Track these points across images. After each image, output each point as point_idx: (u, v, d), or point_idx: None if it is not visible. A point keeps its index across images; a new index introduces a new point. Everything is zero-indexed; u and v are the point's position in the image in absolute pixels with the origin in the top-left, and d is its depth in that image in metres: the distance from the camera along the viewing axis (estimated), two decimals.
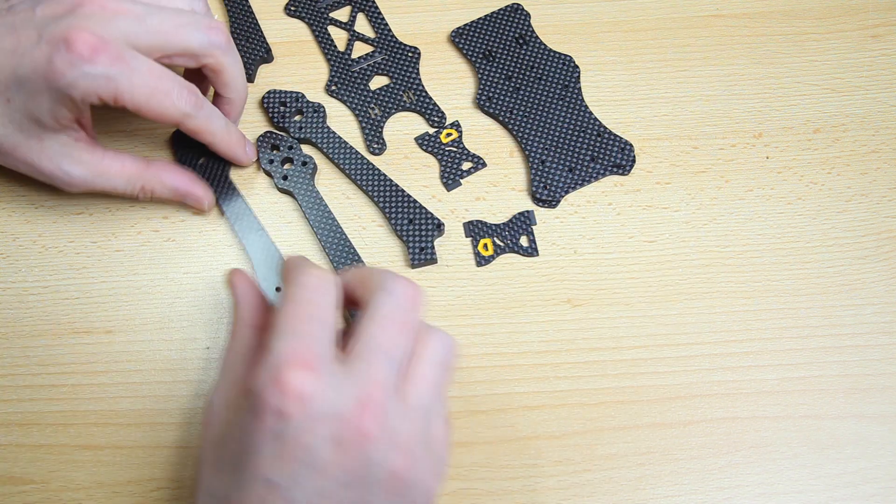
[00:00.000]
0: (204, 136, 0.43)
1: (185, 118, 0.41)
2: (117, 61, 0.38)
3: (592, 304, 0.46)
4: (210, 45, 0.42)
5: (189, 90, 0.41)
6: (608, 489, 0.42)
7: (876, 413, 0.43)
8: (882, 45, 0.53)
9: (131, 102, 0.39)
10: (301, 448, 0.31)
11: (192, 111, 0.41)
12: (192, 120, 0.42)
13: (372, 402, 0.31)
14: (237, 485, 0.32)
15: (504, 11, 0.53)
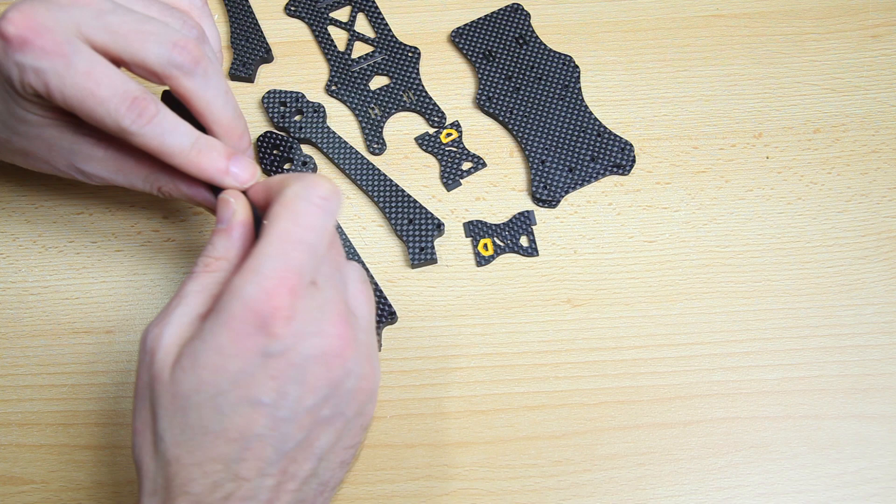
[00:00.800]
0: (159, 156, 0.36)
1: (124, 133, 0.35)
2: (51, 53, 0.33)
3: (592, 304, 0.46)
4: (169, 63, 0.35)
5: (135, 102, 0.35)
6: (608, 489, 0.42)
7: (876, 413, 0.43)
8: (882, 45, 0.53)
9: (62, 102, 0.34)
10: (288, 365, 0.31)
11: (133, 127, 0.35)
12: (135, 137, 0.35)
13: (343, 320, 0.33)
14: (217, 414, 0.31)
15: (504, 11, 0.53)
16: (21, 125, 0.38)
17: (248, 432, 0.31)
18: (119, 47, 0.35)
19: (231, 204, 0.36)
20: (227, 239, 0.35)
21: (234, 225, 0.35)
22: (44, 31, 0.33)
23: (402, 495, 0.42)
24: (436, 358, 0.44)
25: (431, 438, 0.43)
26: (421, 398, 0.44)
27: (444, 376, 0.44)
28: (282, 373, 0.31)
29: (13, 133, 0.39)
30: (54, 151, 0.39)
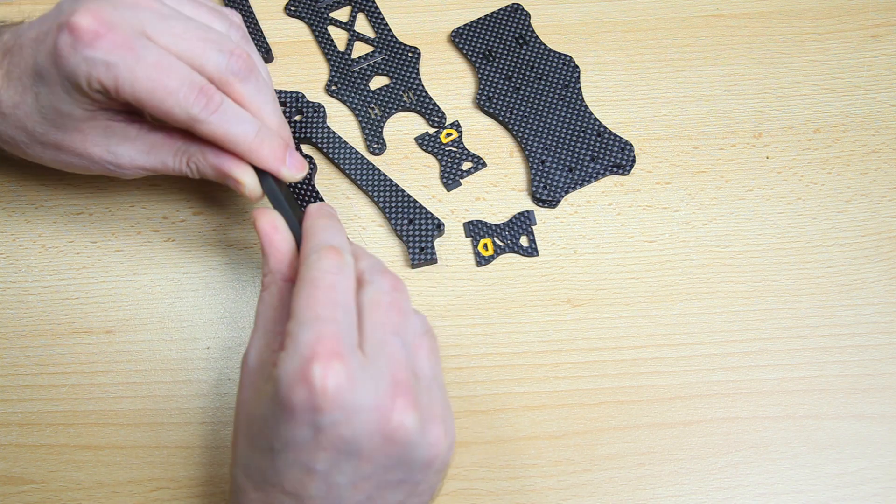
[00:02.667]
0: (223, 145, 0.38)
1: (192, 122, 0.37)
2: (121, 47, 0.35)
3: (592, 304, 0.46)
4: (227, 69, 0.37)
5: (203, 91, 0.36)
6: (608, 489, 0.42)
7: (876, 413, 0.43)
8: (882, 45, 0.53)
9: (132, 95, 0.36)
10: (340, 439, 0.30)
11: (202, 115, 0.37)
12: (202, 125, 0.37)
13: (403, 388, 0.31)
14: (274, 467, 0.32)
15: (504, 11, 0.53)
16: (65, 120, 0.38)
17: (303, 492, 0.31)
18: (180, 50, 0.36)
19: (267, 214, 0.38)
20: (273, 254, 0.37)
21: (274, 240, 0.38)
22: (113, 26, 0.35)
23: None
24: None
25: None
26: None
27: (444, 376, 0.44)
28: (333, 445, 0.31)
29: (52, 127, 0.39)
30: (89, 140, 0.39)
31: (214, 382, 0.44)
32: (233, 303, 0.46)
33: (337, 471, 0.31)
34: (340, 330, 0.31)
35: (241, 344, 0.45)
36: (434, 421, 0.32)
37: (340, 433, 0.30)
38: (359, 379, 0.30)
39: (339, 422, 0.30)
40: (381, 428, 0.31)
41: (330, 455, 0.31)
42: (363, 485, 0.31)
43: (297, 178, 0.40)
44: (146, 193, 0.48)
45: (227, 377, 0.44)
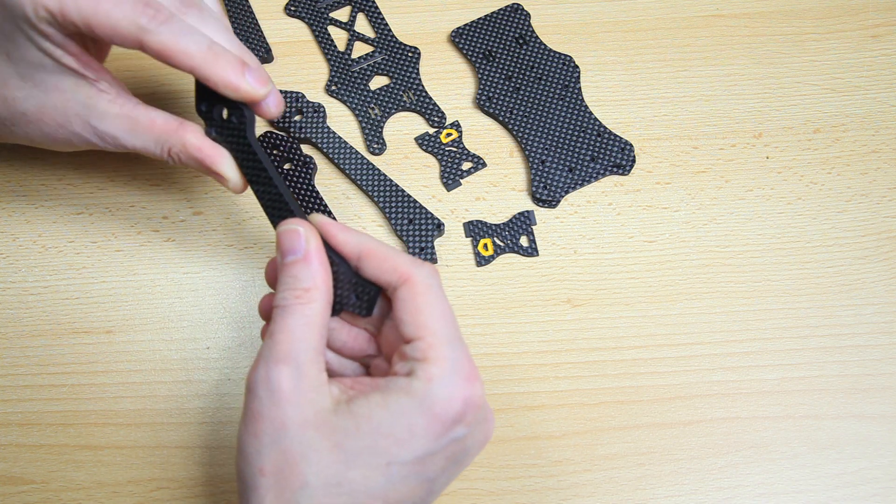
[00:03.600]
0: (175, 61, 0.37)
1: (141, 33, 0.36)
2: None
3: (592, 304, 0.46)
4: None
5: (149, 3, 0.36)
6: (608, 489, 0.42)
7: (876, 413, 0.43)
8: (882, 45, 0.53)
9: (77, 14, 0.35)
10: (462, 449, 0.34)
11: (150, 25, 0.36)
12: (151, 37, 0.36)
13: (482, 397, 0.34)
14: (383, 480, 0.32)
15: (504, 11, 0.53)
16: (37, 72, 0.38)
17: (404, 498, 0.33)
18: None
19: (301, 233, 0.35)
20: (308, 268, 0.34)
21: (311, 252, 0.35)
22: None
23: None
24: None
25: None
26: None
27: None
28: (454, 454, 0.33)
29: (32, 86, 0.39)
30: (70, 109, 0.39)
31: (214, 382, 0.44)
32: (233, 303, 0.46)
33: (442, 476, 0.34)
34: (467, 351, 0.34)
35: (240, 344, 0.45)
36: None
37: (465, 444, 0.34)
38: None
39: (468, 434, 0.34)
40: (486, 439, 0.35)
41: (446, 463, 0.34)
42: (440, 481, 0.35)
43: (260, 92, 0.38)
44: (146, 193, 0.48)
45: (227, 377, 0.44)
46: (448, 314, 0.34)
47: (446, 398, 0.32)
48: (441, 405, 0.32)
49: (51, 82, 0.39)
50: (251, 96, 0.38)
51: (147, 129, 0.39)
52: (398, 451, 0.32)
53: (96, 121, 0.39)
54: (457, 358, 0.33)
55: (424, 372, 0.32)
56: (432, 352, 0.33)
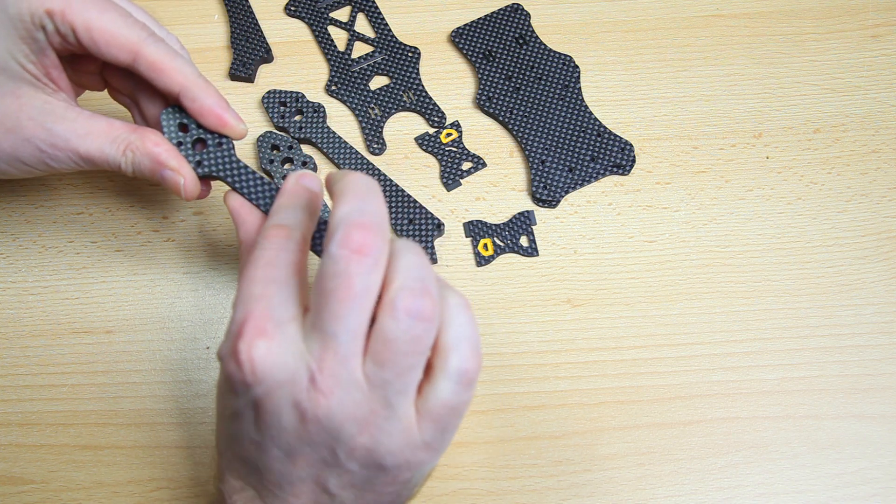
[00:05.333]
0: (167, 77, 0.38)
1: (141, 43, 0.37)
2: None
3: (592, 304, 0.46)
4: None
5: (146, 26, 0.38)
6: (608, 489, 0.42)
7: (876, 413, 0.43)
8: (882, 45, 0.53)
9: (80, 14, 0.36)
10: (267, 412, 0.31)
11: (150, 39, 0.38)
12: (150, 48, 0.37)
13: (323, 375, 0.30)
14: (232, 437, 0.33)
15: (504, 11, 0.53)
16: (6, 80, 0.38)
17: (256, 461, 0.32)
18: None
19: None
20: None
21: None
22: None
23: None
24: None
25: None
26: None
27: None
28: (262, 419, 0.31)
29: None
30: (23, 113, 0.38)
31: (214, 382, 0.44)
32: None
33: (272, 444, 0.31)
34: (272, 305, 0.31)
35: None
36: (364, 423, 0.30)
37: (267, 406, 0.31)
38: (285, 353, 0.30)
39: (263, 395, 0.30)
40: (296, 403, 0.30)
41: (263, 427, 0.31)
42: (299, 461, 0.31)
43: (241, 128, 0.39)
44: (146, 193, 0.48)
45: None
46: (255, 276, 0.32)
47: (223, 360, 0.31)
48: (222, 366, 0.32)
49: (7, 87, 0.38)
50: (232, 127, 0.39)
51: (103, 131, 0.38)
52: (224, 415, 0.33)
53: (51, 122, 0.38)
54: (236, 318, 0.31)
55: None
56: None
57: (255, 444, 0.32)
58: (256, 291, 0.31)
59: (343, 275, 0.29)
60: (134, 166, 0.39)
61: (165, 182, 0.39)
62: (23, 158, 0.39)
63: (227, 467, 0.34)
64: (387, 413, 0.30)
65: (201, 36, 0.53)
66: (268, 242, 0.33)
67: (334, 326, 0.29)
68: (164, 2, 0.54)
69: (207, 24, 0.54)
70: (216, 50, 0.53)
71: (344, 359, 0.30)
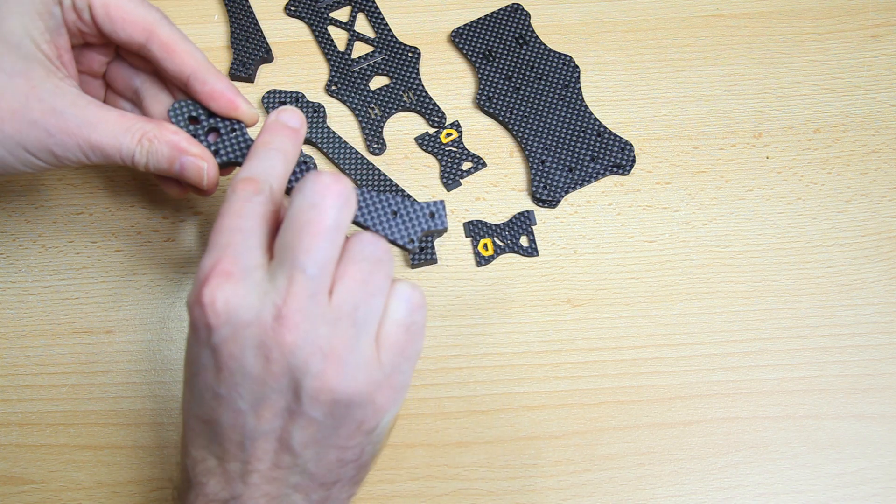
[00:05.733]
0: (179, 58, 0.38)
1: (156, 23, 0.38)
2: None
3: (592, 304, 0.46)
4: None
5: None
6: (608, 489, 0.42)
7: (876, 413, 0.43)
8: (882, 45, 0.53)
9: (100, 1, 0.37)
10: (230, 357, 0.31)
11: (165, 20, 0.38)
12: (165, 27, 0.38)
13: (290, 309, 0.30)
14: (192, 395, 0.33)
15: (504, 11, 0.53)
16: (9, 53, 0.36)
17: (215, 417, 0.32)
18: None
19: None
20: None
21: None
22: None
23: (402, 495, 0.42)
24: (436, 358, 0.44)
25: (431, 438, 0.43)
26: (421, 398, 0.44)
27: (444, 376, 0.44)
28: (227, 366, 0.31)
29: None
30: (32, 95, 0.36)
31: None
32: None
33: (237, 394, 0.31)
34: (238, 252, 0.31)
35: None
36: (328, 357, 0.31)
37: (230, 350, 0.31)
38: (249, 295, 0.31)
39: (227, 338, 0.30)
40: (261, 344, 0.30)
41: (226, 376, 0.31)
42: (263, 412, 0.31)
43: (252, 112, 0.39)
44: (146, 193, 0.48)
45: None
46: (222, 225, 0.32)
47: (188, 307, 0.32)
48: (188, 314, 0.32)
49: (19, 67, 0.36)
50: (244, 111, 0.39)
51: (116, 121, 0.37)
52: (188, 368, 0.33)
53: (62, 107, 0.36)
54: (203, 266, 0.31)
55: None
56: None
57: (217, 399, 0.31)
58: (223, 240, 0.32)
59: (318, 208, 0.31)
60: (150, 156, 0.38)
61: (185, 171, 0.38)
62: (27, 145, 0.37)
63: (190, 439, 0.33)
64: (351, 344, 0.31)
65: (201, 36, 0.53)
66: (235, 195, 0.33)
67: (304, 259, 0.30)
68: (164, 2, 0.54)
69: (207, 24, 0.54)
70: (216, 50, 0.53)
71: (312, 293, 0.31)
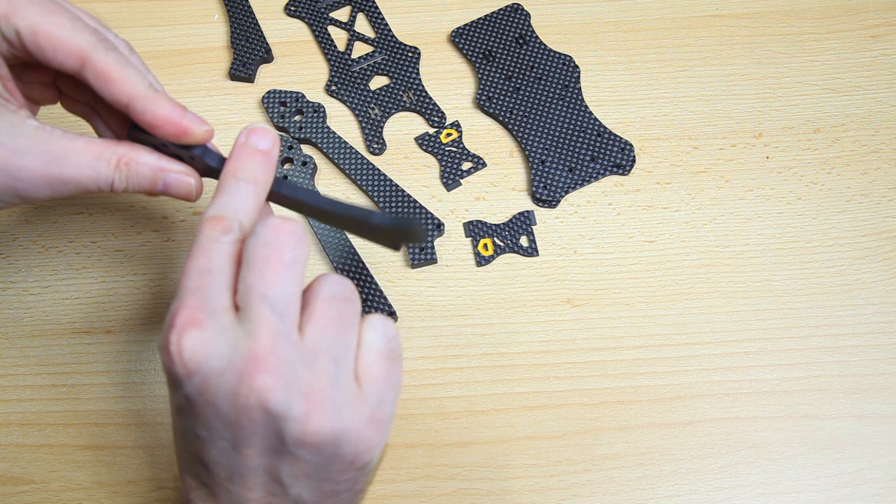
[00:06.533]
0: (116, 88, 0.34)
1: (90, 50, 0.34)
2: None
3: (592, 304, 0.46)
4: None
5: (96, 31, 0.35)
6: (608, 489, 0.42)
7: (876, 413, 0.43)
8: (882, 45, 0.53)
9: (25, 18, 0.33)
10: (205, 404, 0.30)
11: (100, 46, 0.34)
12: (100, 55, 0.34)
13: (262, 353, 0.29)
14: (179, 433, 0.32)
15: (504, 11, 0.53)
16: None
17: (205, 457, 0.31)
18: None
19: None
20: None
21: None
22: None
23: (402, 495, 0.42)
24: (436, 358, 0.44)
25: (431, 438, 0.43)
26: (421, 398, 0.44)
27: (444, 376, 0.44)
28: (203, 411, 0.30)
29: None
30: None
31: None
32: None
33: (217, 436, 0.31)
34: (206, 296, 0.30)
35: None
36: (310, 398, 0.30)
37: (204, 398, 0.30)
38: (218, 342, 0.30)
39: (199, 387, 0.30)
40: (234, 391, 0.29)
41: (204, 420, 0.30)
42: (247, 451, 0.31)
43: (202, 129, 0.35)
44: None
45: None
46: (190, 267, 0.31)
47: (160, 353, 0.31)
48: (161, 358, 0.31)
49: None
50: (194, 134, 0.35)
51: (85, 150, 0.34)
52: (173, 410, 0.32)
53: (23, 146, 0.33)
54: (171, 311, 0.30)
55: None
56: None
57: (199, 440, 0.31)
58: (192, 284, 0.31)
59: (273, 244, 0.30)
60: (129, 181, 0.36)
61: (170, 188, 0.37)
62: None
63: (182, 466, 0.33)
64: (332, 382, 0.30)
65: (201, 36, 0.53)
66: (203, 235, 0.32)
67: (269, 294, 0.30)
68: (164, 2, 0.54)
69: (207, 24, 0.54)
70: (216, 50, 0.53)
71: (284, 333, 0.30)
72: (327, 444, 0.30)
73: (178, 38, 0.53)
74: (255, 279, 0.30)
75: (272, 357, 0.29)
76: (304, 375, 0.30)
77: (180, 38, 0.53)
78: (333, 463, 0.31)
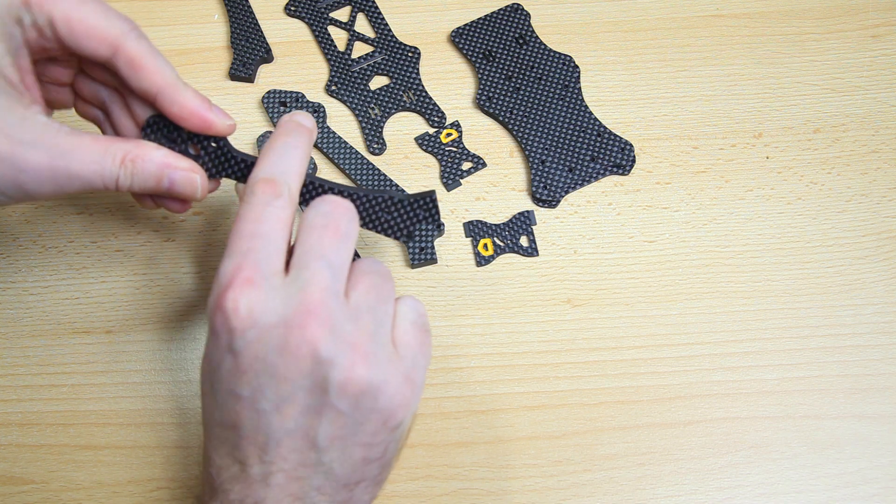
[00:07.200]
0: (146, 75, 0.35)
1: (123, 36, 0.35)
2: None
3: (592, 304, 0.46)
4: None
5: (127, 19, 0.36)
6: (608, 489, 0.42)
7: (876, 413, 0.43)
8: (882, 45, 0.53)
9: (60, 10, 0.34)
10: (254, 359, 0.31)
11: (133, 33, 0.35)
12: (133, 41, 0.35)
13: (315, 306, 0.31)
14: (214, 402, 0.33)
15: (504, 11, 0.53)
16: None
17: (237, 421, 0.32)
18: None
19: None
20: None
21: None
22: None
23: (402, 495, 0.42)
24: (436, 358, 0.44)
25: (431, 438, 0.43)
26: (421, 398, 0.44)
27: (444, 376, 0.44)
28: (251, 367, 0.31)
29: None
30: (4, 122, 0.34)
31: None
32: None
33: (260, 395, 0.31)
34: (259, 258, 0.32)
35: None
36: (355, 349, 0.32)
37: (255, 352, 0.31)
38: (271, 299, 0.32)
39: (252, 341, 0.31)
40: (289, 343, 0.31)
41: (250, 378, 0.31)
42: (288, 410, 0.32)
43: (226, 123, 0.37)
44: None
45: None
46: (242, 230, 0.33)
47: (209, 313, 0.32)
48: (209, 320, 0.33)
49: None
50: (218, 127, 0.37)
51: (90, 146, 0.35)
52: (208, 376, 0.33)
53: (32, 138, 0.33)
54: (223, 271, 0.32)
55: None
56: None
57: (240, 402, 0.32)
58: (244, 246, 0.32)
59: (331, 216, 0.34)
60: (134, 177, 0.36)
61: (175, 186, 0.37)
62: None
63: (213, 447, 0.34)
64: (374, 339, 0.33)
65: (201, 36, 0.53)
66: (255, 197, 0.34)
67: (328, 255, 0.33)
68: (165, 2, 0.54)
69: (207, 24, 0.54)
70: (216, 50, 0.53)
71: (335, 291, 0.32)
72: (367, 394, 0.32)
73: (178, 38, 0.53)
74: (315, 242, 0.33)
75: (323, 309, 0.31)
76: (350, 329, 0.32)
77: (180, 38, 0.53)
78: (368, 420, 0.32)
